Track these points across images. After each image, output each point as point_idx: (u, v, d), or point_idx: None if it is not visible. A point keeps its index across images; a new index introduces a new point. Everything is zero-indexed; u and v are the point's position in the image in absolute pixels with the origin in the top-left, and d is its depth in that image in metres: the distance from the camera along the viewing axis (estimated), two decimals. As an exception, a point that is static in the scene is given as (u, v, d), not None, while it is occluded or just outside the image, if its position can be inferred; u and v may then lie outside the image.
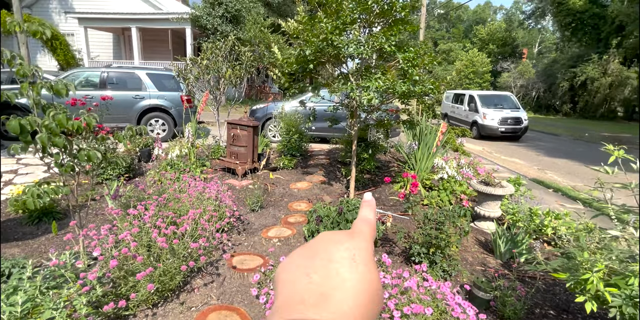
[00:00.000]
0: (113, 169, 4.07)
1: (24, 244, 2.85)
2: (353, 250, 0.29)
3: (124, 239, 2.02)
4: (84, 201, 3.72)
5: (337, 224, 2.91)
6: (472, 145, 10.38)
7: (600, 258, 1.40)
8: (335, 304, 0.25)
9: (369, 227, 0.33)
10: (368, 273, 0.28)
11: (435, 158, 4.85)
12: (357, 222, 0.34)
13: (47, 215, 3.22)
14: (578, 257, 1.44)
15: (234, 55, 5.77)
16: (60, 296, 1.69)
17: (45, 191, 1.88)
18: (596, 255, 1.45)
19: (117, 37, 15.85)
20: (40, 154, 1.92)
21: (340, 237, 0.31)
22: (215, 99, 5.79)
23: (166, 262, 2.08)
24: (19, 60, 1.86)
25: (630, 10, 20.07)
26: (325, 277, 0.27)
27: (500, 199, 3.86)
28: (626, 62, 21.97)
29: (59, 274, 1.82)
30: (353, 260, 0.28)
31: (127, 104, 7.06)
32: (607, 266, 1.44)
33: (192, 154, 4.93)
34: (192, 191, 2.96)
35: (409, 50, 3.39)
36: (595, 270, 1.34)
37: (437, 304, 2.13)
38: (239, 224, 3.41)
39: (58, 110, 1.79)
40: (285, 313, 0.24)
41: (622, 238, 1.52)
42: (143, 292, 1.91)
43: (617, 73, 21.20)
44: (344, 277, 0.27)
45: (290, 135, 5.64)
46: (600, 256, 1.41)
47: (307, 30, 3.32)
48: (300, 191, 4.53)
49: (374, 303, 0.27)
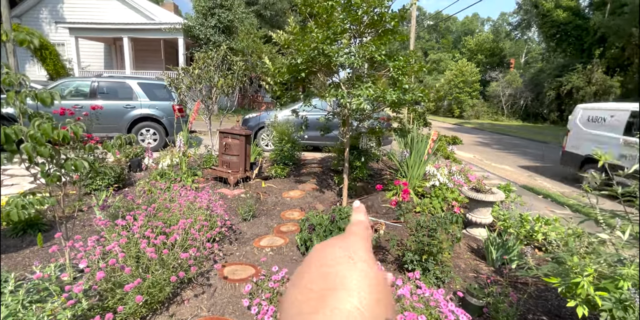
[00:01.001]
0: (102, 179, 4.00)
1: (7, 257, 2.76)
2: (348, 249, 0.28)
3: (111, 250, 1.97)
4: (71, 212, 3.64)
5: (329, 232, 2.89)
6: (462, 153, 10.51)
7: (589, 262, 1.42)
8: (336, 301, 0.24)
9: (363, 227, 0.33)
10: (369, 269, 0.27)
11: (427, 166, 4.89)
12: (350, 225, 0.34)
13: (32, 227, 3.14)
14: (568, 262, 1.46)
15: (226, 64, 5.80)
16: (44, 310, 1.63)
17: (30, 202, 1.83)
18: (585, 259, 1.47)
19: (109, 47, 15.83)
20: (26, 164, 1.89)
21: (334, 241, 0.30)
22: (207, 108, 5.78)
23: (155, 274, 2.03)
24: (6, 69, 1.85)
25: (610, 22, 20.87)
26: (324, 282, 0.26)
27: (491, 205, 3.89)
28: (609, 71, 22.69)
29: (43, 287, 1.77)
30: (350, 258, 0.27)
31: (117, 114, 7.01)
32: (596, 270, 1.46)
33: (184, 163, 4.88)
34: (182, 201, 2.92)
35: (399, 59, 3.45)
36: (586, 275, 1.35)
37: (431, 312, 2.11)
38: (231, 234, 3.37)
39: (44, 120, 1.77)
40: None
41: (610, 242, 1.54)
42: (131, 305, 1.86)
43: (601, 82, 21.86)
44: (344, 276, 0.26)
45: (282, 144, 5.65)
46: (590, 260, 1.43)
47: (298, 40, 3.37)
48: (292, 200, 4.51)
49: (382, 298, 0.25)
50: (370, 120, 4.47)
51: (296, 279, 0.28)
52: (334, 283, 0.25)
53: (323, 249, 0.29)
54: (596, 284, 1.50)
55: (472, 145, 12.84)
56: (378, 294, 0.25)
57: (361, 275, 0.26)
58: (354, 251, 0.28)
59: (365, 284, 0.25)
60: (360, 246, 0.29)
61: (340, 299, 0.24)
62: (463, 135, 16.05)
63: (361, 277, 0.26)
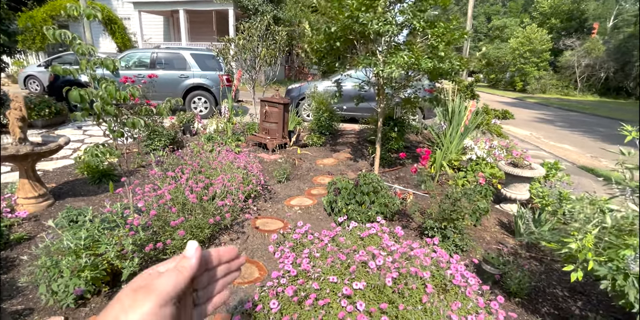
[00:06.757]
0: (159, 141, 4.56)
1: (88, 199, 3.40)
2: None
3: (163, 195, 2.37)
4: (135, 167, 4.25)
5: (353, 196, 3.07)
6: (517, 129, 9.78)
7: (591, 228, 1.42)
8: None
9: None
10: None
11: (465, 138, 4.74)
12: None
13: (106, 177, 3.77)
14: (569, 227, 1.47)
15: (270, 34, 5.94)
16: (113, 236, 2.07)
17: (101, 151, 2.25)
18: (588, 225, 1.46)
19: (167, 20, 16.72)
20: (98, 121, 2.29)
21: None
22: (251, 78, 6.06)
23: (197, 217, 2.41)
24: (78, 40, 2.20)
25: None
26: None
27: (529, 181, 3.74)
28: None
29: (112, 219, 2.22)
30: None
31: (174, 83, 7.63)
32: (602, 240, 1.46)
33: (229, 129, 5.30)
34: (223, 160, 3.28)
35: (439, 26, 3.31)
36: (580, 238, 1.36)
37: (439, 271, 2.24)
38: (266, 193, 3.71)
39: (109, 83, 2.12)
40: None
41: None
42: (177, 239, 2.26)
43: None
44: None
45: (320, 114, 5.79)
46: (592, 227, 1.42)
47: (333, 8, 3.37)
48: (325, 167, 4.73)
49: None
50: (408, 90, 4.39)
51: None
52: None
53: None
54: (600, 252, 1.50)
55: (532, 122, 11.81)
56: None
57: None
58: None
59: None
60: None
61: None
62: (522, 110, 14.72)
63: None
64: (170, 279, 0.34)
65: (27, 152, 2.83)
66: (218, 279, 0.42)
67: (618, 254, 1.43)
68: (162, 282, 0.34)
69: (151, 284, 0.33)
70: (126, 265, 1.98)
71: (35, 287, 2.05)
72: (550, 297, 2.45)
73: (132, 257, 2.03)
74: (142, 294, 0.32)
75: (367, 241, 2.38)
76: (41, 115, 6.05)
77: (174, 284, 0.34)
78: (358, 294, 1.76)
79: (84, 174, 3.88)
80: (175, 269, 0.36)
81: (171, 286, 0.34)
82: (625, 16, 29.13)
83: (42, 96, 6.51)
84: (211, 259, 0.41)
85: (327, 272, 1.91)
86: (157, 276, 0.34)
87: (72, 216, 2.58)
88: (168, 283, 0.34)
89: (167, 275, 0.35)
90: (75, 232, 2.06)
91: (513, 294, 2.40)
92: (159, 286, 0.33)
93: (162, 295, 0.32)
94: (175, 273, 0.35)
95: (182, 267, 0.36)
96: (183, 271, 0.36)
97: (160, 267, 0.36)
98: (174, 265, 0.36)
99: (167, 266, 0.36)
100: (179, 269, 0.36)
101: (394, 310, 1.66)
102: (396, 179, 4.56)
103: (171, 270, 0.35)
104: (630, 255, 1.31)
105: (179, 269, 0.36)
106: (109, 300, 2.06)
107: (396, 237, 2.66)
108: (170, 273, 0.35)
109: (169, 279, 0.34)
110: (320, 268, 1.92)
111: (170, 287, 0.33)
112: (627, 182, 1.71)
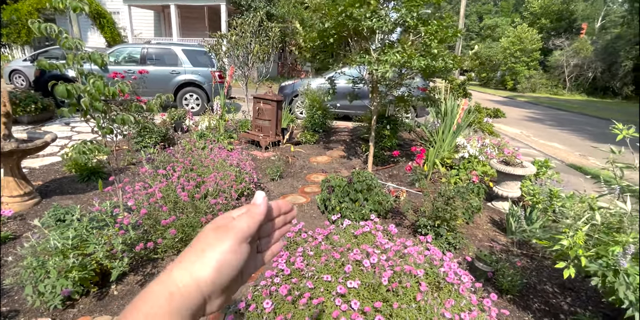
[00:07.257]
0: (150, 138, 4.48)
1: (76, 197, 3.32)
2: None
3: (153, 193, 2.32)
4: (124, 165, 4.17)
5: (346, 193, 3.06)
6: (508, 128, 9.89)
7: (582, 225, 1.43)
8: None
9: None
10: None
11: (458, 137, 4.77)
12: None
13: (94, 174, 3.69)
14: (560, 224, 1.49)
15: (263, 31, 5.87)
16: (102, 235, 2.03)
17: (89, 149, 2.20)
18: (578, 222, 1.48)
19: (158, 15, 16.42)
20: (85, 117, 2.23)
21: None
22: (243, 75, 5.99)
23: (189, 216, 2.37)
24: (65, 34, 2.13)
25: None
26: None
27: (520, 179, 3.78)
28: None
29: (101, 218, 2.17)
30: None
31: (165, 79, 7.50)
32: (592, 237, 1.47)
33: (221, 126, 5.23)
34: (215, 157, 3.24)
35: (432, 23, 3.31)
36: (570, 235, 1.38)
37: (432, 268, 2.25)
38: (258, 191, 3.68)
39: (97, 78, 2.06)
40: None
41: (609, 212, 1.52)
42: (169, 238, 2.22)
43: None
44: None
45: (313, 111, 5.76)
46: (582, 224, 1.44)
47: (327, 5, 3.34)
48: (319, 164, 4.71)
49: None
50: (402, 88, 4.40)
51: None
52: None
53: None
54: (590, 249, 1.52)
55: (522, 121, 11.96)
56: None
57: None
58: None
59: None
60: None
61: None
62: (513, 109, 14.90)
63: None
64: (244, 221, 0.39)
65: (12, 149, 2.75)
66: (276, 229, 0.46)
67: (608, 251, 1.45)
68: (238, 223, 0.39)
69: (230, 224, 0.38)
70: (116, 266, 1.93)
71: (21, 289, 1.99)
72: (541, 293, 2.49)
73: (122, 256, 1.99)
74: (222, 232, 0.37)
75: (361, 239, 2.37)
76: (27, 111, 5.89)
77: (248, 225, 0.39)
78: (352, 293, 1.75)
79: (72, 172, 3.79)
80: (247, 213, 0.40)
81: (246, 226, 0.39)
82: (613, 17, 29.70)
83: (28, 91, 6.34)
84: (272, 210, 0.45)
85: (321, 271, 1.89)
86: (232, 219, 0.39)
87: (59, 215, 2.51)
88: (243, 224, 0.39)
89: (241, 218, 0.40)
90: (63, 232, 2.01)
91: (505, 291, 2.42)
92: (237, 226, 0.38)
93: (239, 234, 0.38)
94: (248, 216, 0.40)
95: (253, 213, 0.41)
96: (254, 216, 0.40)
97: (234, 213, 0.41)
98: (245, 210, 0.41)
99: (239, 212, 0.41)
100: (251, 214, 0.40)
101: (388, 309, 1.66)
102: (389, 176, 4.57)
103: (244, 214, 0.40)
104: (619, 251, 1.33)
105: (250, 213, 0.40)
106: (97, 301, 2.02)
107: (390, 235, 2.67)
108: (244, 216, 0.40)
109: (243, 221, 0.39)
110: (314, 267, 1.90)
111: (245, 228, 0.39)
112: (618, 180, 1.73)
